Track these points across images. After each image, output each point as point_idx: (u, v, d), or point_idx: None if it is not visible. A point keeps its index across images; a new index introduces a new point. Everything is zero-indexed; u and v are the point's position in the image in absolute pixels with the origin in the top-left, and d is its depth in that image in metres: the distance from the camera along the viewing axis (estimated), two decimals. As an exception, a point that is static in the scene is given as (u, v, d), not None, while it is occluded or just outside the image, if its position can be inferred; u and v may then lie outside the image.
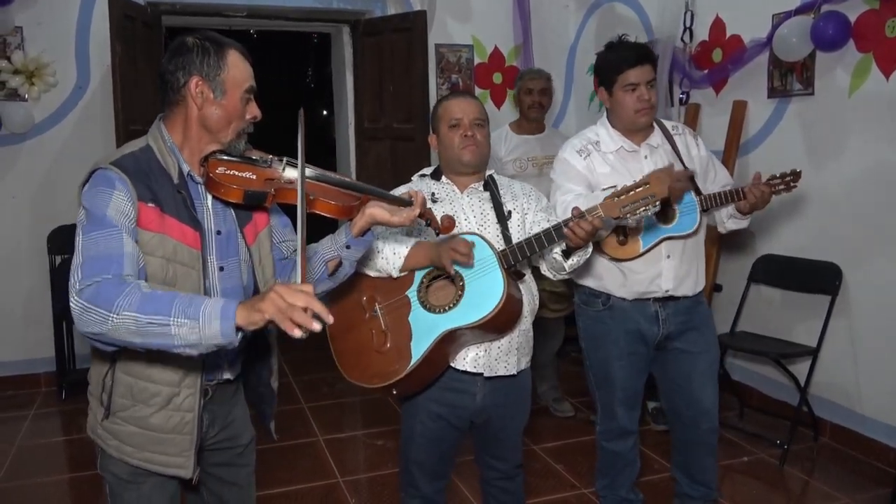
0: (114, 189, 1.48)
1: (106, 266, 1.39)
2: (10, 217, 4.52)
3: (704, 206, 2.50)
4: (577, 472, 3.37)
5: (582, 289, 2.66)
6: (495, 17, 5.42)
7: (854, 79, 3.41)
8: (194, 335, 1.32)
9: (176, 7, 4.70)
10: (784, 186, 2.56)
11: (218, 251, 1.64)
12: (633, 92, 2.42)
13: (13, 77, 4.36)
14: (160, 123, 1.64)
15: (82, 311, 1.35)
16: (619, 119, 2.50)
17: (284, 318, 1.25)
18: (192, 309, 1.32)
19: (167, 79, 1.60)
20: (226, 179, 1.54)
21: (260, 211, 1.71)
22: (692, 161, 2.55)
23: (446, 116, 2.20)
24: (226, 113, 1.59)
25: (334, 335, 2.20)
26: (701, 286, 2.61)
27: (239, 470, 1.87)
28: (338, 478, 3.36)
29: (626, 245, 2.48)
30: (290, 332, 1.25)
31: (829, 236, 3.57)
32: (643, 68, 2.42)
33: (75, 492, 3.28)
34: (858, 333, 3.50)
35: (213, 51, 1.58)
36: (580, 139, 2.56)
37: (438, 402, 2.17)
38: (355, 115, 5.34)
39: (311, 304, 1.25)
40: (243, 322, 1.31)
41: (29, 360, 4.62)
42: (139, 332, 1.33)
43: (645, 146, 2.51)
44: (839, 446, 3.58)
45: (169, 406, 1.60)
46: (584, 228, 1.97)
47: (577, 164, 2.48)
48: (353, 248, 1.72)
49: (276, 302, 1.26)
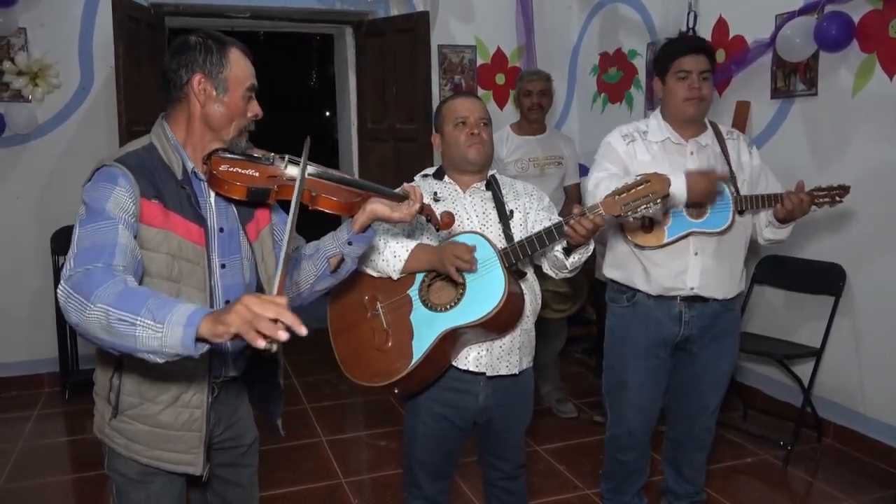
0: (116, 185, 1.49)
1: (97, 255, 1.38)
2: (13, 218, 4.52)
3: (739, 206, 2.45)
4: (581, 473, 3.37)
5: (610, 285, 2.66)
6: (498, 17, 5.43)
7: (858, 79, 3.41)
8: (156, 340, 1.25)
9: (179, 8, 4.71)
10: (828, 199, 2.49)
11: (220, 248, 1.65)
12: (684, 80, 2.41)
13: (17, 78, 4.37)
14: (163, 122, 1.65)
15: (67, 298, 1.32)
16: (669, 109, 2.49)
17: (249, 329, 1.18)
18: (161, 312, 1.25)
19: (170, 77, 1.60)
20: (229, 177, 1.55)
21: (262, 208, 1.72)
22: (741, 167, 2.52)
23: (451, 115, 2.20)
24: (228, 110, 1.60)
25: (336, 334, 2.20)
26: (734, 292, 2.56)
27: (242, 470, 1.87)
28: (341, 478, 3.36)
29: (651, 233, 2.47)
30: (253, 342, 1.18)
31: (833, 237, 3.56)
32: (697, 57, 2.41)
33: (78, 492, 3.28)
34: (862, 334, 3.49)
35: (215, 48, 1.59)
36: (630, 126, 2.57)
37: (441, 403, 2.17)
38: (358, 115, 5.34)
39: (282, 315, 1.17)
40: (207, 333, 1.23)
41: (32, 360, 4.62)
42: (107, 328, 1.27)
43: (693, 142, 2.49)
44: (843, 447, 3.57)
45: (177, 403, 1.60)
46: (584, 226, 1.97)
47: (618, 147, 2.49)
48: (355, 244, 1.72)
49: (243, 314, 1.19)
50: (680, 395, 2.67)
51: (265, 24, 5.37)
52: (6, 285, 4.53)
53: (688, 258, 2.46)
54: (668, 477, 2.79)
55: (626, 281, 2.56)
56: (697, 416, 2.65)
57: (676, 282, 2.47)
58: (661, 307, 2.52)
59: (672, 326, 2.52)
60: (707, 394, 2.63)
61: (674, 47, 2.49)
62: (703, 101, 2.45)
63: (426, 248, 2.08)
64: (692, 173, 2.31)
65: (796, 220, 2.48)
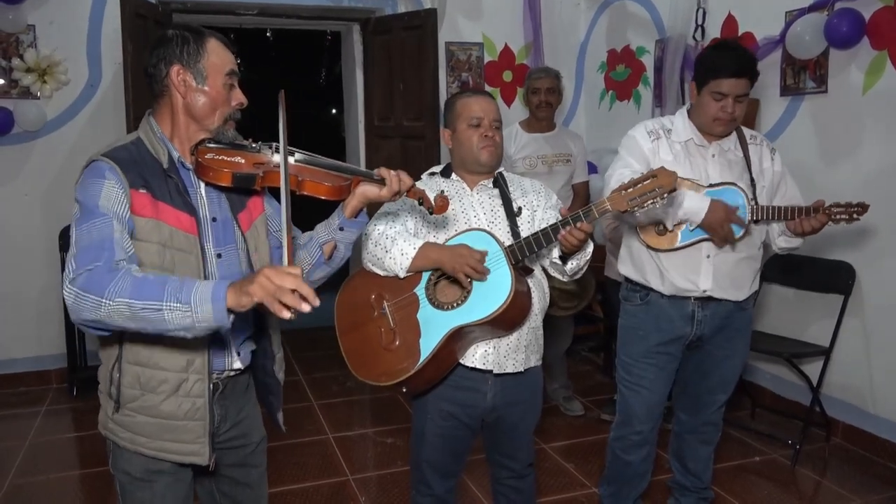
0: (104, 178, 1.51)
1: (98, 254, 1.42)
2: (22, 214, 4.54)
3: (755, 215, 2.43)
4: (588, 471, 3.36)
5: (624, 284, 2.66)
6: (506, 14, 5.42)
7: (868, 76, 3.39)
8: (187, 319, 1.34)
9: (187, 5, 4.72)
10: (846, 217, 2.44)
11: (215, 238, 1.66)
12: (718, 101, 2.38)
13: (26, 75, 4.39)
14: (150, 117, 1.67)
15: (76, 299, 1.37)
16: (697, 117, 2.47)
17: (273, 301, 1.29)
18: (183, 293, 1.34)
19: (150, 72, 1.63)
20: (215, 164, 1.56)
21: (251, 196, 1.73)
22: (762, 174, 2.50)
23: (466, 114, 2.19)
24: (210, 99, 1.62)
25: (343, 333, 2.19)
26: (748, 293, 2.55)
27: (251, 470, 1.87)
28: (347, 475, 3.36)
29: (664, 235, 2.46)
30: (279, 314, 1.29)
31: (843, 235, 3.54)
32: (738, 81, 2.35)
33: (86, 488, 3.30)
34: (872, 333, 3.47)
35: (191, 39, 1.62)
36: (655, 122, 2.55)
37: (449, 401, 2.17)
38: (365, 113, 5.34)
39: (300, 286, 1.28)
40: (233, 304, 1.33)
41: (40, 356, 4.65)
42: (133, 318, 1.35)
43: (716, 145, 2.48)
44: (851, 447, 3.56)
45: (178, 392, 1.60)
46: (575, 236, 1.97)
47: (643, 143, 2.48)
48: (347, 229, 1.74)
49: (265, 285, 1.29)
50: (688, 389, 2.67)
51: (273, 21, 5.37)
52: (14, 282, 4.55)
53: (700, 261, 2.46)
54: (675, 471, 2.80)
55: (641, 279, 2.56)
56: (705, 410, 2.65)
57: (689, 283, 2.47)
58: (674, 306, 2.51)
59: (684, 326, 2.52)
60: (716, 389, 2.63)
61: (716, 64, 2.38)
62: (734, 123, 2.43)
63: (434, 247, 2.07)
64: (717, 202, 2.33)
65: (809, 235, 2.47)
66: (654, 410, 2.60)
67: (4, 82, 4.41)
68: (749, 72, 2.38)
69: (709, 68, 2.40)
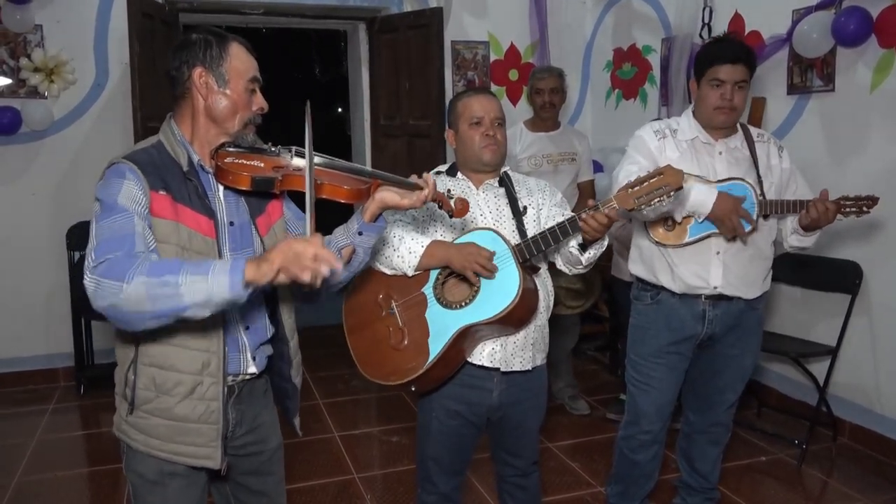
0: (125, 179, 1.52)
1: (118, 245, 1.44)
2: (29, 213, 4.56)
3: (763, 210, 2.43)
4: (593, 470, 3.36)
5: (635, 283, 2.66)
6: (511, 13, 5.41)
7: (876, 75, 3.37)
8: (202, 293, 1.35)
9: (194, 4, 4.72)
10: (855, 209, 2.45)
11: (232, 242, 1.66)
12: (717, 88, 2.39)
13: (33, 75, 4.40)
14: (170, 120, 1.68)
15: (97, 286, 1.38)
16: (700, 112, 2.48)
17: (294, 264, 1.32)
18: (201, 267, 1.37)
19: (173, 74, 1.64)
20: (234, 167, 1.57)
21: (271, 200, 1.73)
22: (769, 171, 2.50)
23: (467, 114, 2.19)
24: (231, 103, 1.62)
25: (351, 332, 2.20)
26: (759, 292, 2.54)
27: (267, 478, 1.86)
28: (353, 474, 3.36)
29: (673, 230, 2.46)
30: (300, 276, 1.32)
31: (850, 235, 3.52)
32: (735, 67, 2.37)
33: (94, 486, 3.31)
34: (879, 333, 3.46)
35: (214, 42, 1.63)
36: (661, 122, 2.56)
37: (455, 399, 2.17)
38: (371, 112, 5.35)
39: (320, 252, 1.32)
40: (252, 275, 1.35)
41: (48, 355, 4.66)
42: (150, 297, 1.36)
43: (722, 143, 2.48)
44: (858, 446, 3.55)
45: (193, 395, 1.61)
46: (598, 220, 1.96)
47: (650, 142, 2.49)
48: (366, 234, 1.72)
49: (286, 251, 1.33)
50: (698, 389, 2.67)
51: (279, 20, 5.37)
52: (22, 280, 4.56)
53: (710, 257, 2.45)
54: (682, 471, 2.81)
55: (651, 278, 2.55)
56: (714, 409, 2.65)
57: (700, 280, 2.46)
58: (685, 305, 2.51)
59: (695, 325, 2.51)
60: (726, 389, 2.63)
61: (712, 53, 2.42)
62: (735, 111, 2.43)
63: (442, 245, 2.08)
64: (724, 194, 2.33)
65: (821, 228, 2.46)
66: (663, 410, 2.60)
67: (12, 82, 4.43)
68: (745, 58, 2.40)
69: (704, 60, 2.44)
